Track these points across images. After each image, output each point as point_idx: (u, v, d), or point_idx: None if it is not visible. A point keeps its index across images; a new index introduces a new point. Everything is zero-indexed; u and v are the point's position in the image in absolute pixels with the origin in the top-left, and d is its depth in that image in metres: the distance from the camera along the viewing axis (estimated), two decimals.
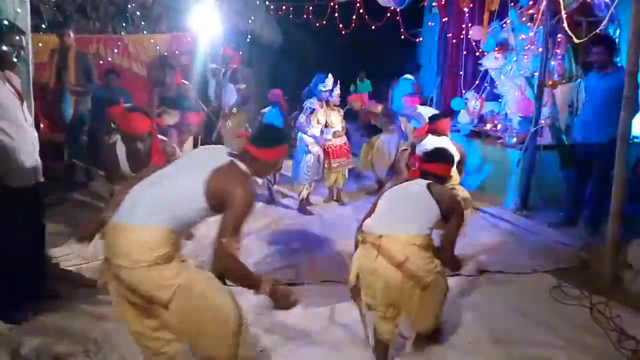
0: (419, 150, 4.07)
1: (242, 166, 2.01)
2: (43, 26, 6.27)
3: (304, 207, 5.27)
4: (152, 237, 1.85)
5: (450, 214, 2.53)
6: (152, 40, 6.80)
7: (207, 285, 1.96)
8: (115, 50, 6.69)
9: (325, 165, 5.26)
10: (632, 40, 3.42)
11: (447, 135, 4.35)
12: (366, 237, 2.46)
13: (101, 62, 6.34)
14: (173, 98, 5.91)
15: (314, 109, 5.11)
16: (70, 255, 3.86)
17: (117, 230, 1.90)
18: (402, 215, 2.48)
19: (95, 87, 5.70)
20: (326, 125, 5.19)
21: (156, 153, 3.04)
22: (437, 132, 4.29)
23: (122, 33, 6.93)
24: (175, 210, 1.90)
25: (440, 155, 2.81)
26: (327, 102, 5.18)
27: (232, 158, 2.01)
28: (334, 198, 5.62)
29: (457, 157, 3.85)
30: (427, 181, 2.62)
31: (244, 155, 2.07)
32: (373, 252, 2.38)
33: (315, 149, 5.13)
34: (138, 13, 7.13)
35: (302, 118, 5.15)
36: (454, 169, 3.50)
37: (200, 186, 1.89)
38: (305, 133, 5.12)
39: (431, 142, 4.05)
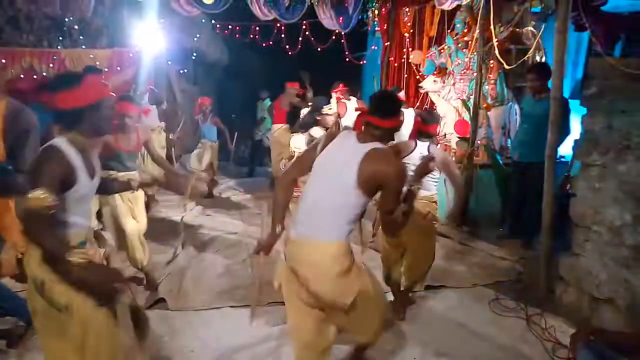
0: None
1: (380, 146, 2.10)
2: None
3: None
4: (336, 252, 2.05)
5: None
6: (91, 55, 6.53)
7: (371, 282, 2.20)
8: (51, 65, 6.36)
9: None
10: (556, 67, 3.70)
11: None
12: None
13: (35, 76, 6.01)
14: None
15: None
16: None
17: (302, 244, 2.08)
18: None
19: None
20: None
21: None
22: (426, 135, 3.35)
23: (59, 47, 6.62)
24: (345, 219, 2.06)
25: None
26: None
27: (368, 146, 2.06)
28: None
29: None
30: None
31: (371, 132, 2.15)
32: None
33: None
34: (76, 27, 6.86)
35: None
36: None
37: (354, 188, 2.02)
38: None
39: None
